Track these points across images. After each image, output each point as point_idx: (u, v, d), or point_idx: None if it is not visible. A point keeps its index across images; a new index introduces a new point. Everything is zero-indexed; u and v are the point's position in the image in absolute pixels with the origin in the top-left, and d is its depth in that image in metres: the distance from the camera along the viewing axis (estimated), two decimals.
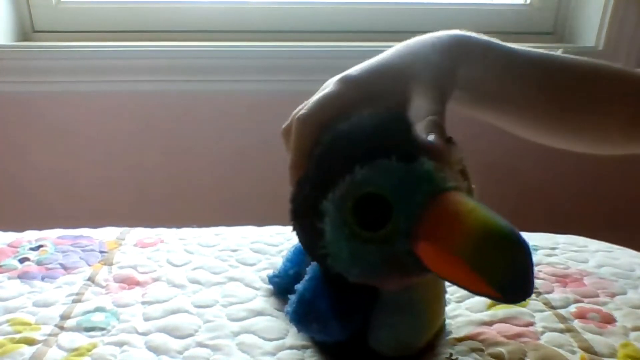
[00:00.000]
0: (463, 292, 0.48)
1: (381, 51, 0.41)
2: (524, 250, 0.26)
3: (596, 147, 0.46)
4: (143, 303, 0.46)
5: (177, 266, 0.53)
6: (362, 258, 0.31)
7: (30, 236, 0.59)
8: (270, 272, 0.49)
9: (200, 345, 0.41)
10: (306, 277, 0.38)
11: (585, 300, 0.48)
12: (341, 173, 0.32)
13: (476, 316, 0.45)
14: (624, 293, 0.50)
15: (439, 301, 0.40)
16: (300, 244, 0.39)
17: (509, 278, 0.26)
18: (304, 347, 0.41)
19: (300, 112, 0.37)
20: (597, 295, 0.49)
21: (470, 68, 0.39)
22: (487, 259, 0.26)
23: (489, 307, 0.46)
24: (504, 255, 0.26)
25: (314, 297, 0.37)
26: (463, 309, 0.46)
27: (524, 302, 0.47)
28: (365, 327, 0.38)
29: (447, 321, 0.44)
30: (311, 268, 0.39)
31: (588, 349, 0.40)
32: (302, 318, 0.37)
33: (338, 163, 0.32)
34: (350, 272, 0.33)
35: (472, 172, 0.37)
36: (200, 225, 0.63)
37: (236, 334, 0.42)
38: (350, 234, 0.31)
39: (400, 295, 0.37)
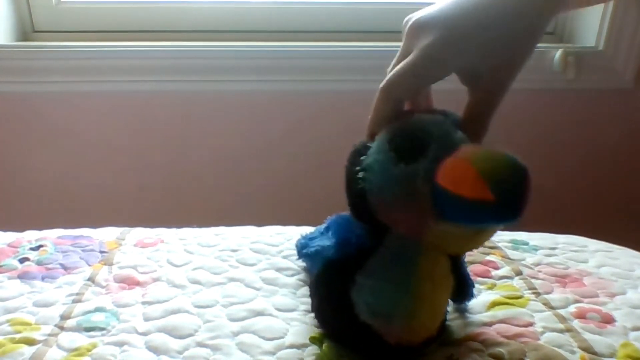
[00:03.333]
0: None
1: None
2: (524, 172, 0.31)
3: None
4: (143, 303, 0.46)
5: (177, 266, 0.53)
6: (389, 174, 0.36)
7: (30, 236, 0.59)
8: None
9: (200, 345, 0.41)
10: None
11: (585, 300, 0.48)
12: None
13: (476, 317, 0.45)
14: (624, 293, 0.50)
15: (434, 290, 0.39)
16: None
17: (507, 185, 0.31)
18: (303, 346, 0.41)
19: (383, 83, 0.38)
20: (597, 295, 0.49)
21: None
22: (492, 166, 0.31)
23: (489, 308, 0.46)
24: (507, 168, 0.31)
25: (325, 225, 0.43)
26: (463, 310, 0.46)
27: (523, 302, 0.47)
28: (356, 269, 0.39)
29: (447, 322, 0.44)
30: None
31: (588, 349, 0.40)
32: (308, 238, 0.43)
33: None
34: (374, 190, 0.37)
35: None
36: (200, 225, 0.63)
37: (236, 333, 0.42)
38: (389, 150, 0.36)
39: (398, 252, 0.37)
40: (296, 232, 0.61)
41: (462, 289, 0.43)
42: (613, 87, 1.07)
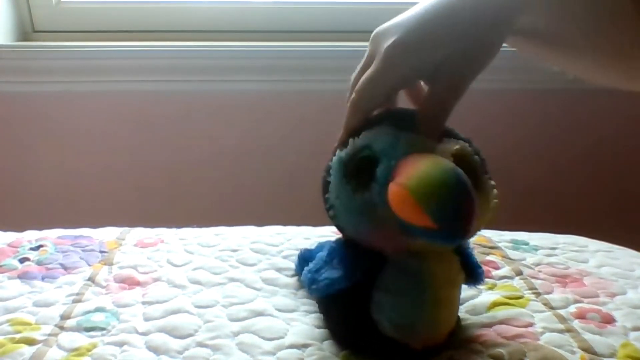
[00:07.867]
0: (462, 295, 0.48)
1: None
2: (465, 190, 0.30)
3: None
4: (143, 303, 0.46)
5: (177, 266, 0.53)
6: (351, 208, 0.36)
7: (30, 236, 0.59)
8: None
9: (200, 345, 0.41)
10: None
11: (585, 300, 0.48)
12: (352, 137, 0.38)
13: (476, 318, 0.45)
14: (624, 293, 0.50)
15: (450, 291, 0.39)
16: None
17: (446, 210, 0.30)
18: (303, 346, 0.41)
19: (351, 97, 0.40)
20: (597, 296, 0.49)
21: (536, 15, 0.36)
22: (427, 191, 0.30)
23: (489, 308, 0.46)
24: (445, 191, 0.30)
25: (326, 253, 0.41)
26: (463, 312, 0.46)
27: (523, 302, 0.47)
28: (370, 288, 0.39)
29: None
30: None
31: (588, 349, 0.40)
32: (313, 272, 0.41)
33: (353, 133, 0.38)
34: (345, 225, 0.38)
35: None
36: (200, 225, 0.63)
37: (236, 333, 0.42)
38: (345, 183, 0.36)
39: (406, 264, 0.37)
40: (296, 232, 0.61)
41: (472, 275, 0.42)
42: (612, 87, 1.07)
